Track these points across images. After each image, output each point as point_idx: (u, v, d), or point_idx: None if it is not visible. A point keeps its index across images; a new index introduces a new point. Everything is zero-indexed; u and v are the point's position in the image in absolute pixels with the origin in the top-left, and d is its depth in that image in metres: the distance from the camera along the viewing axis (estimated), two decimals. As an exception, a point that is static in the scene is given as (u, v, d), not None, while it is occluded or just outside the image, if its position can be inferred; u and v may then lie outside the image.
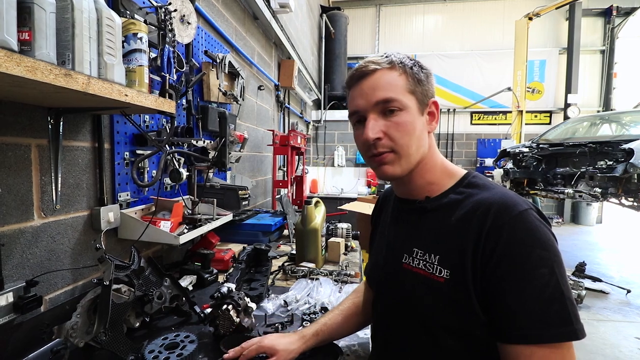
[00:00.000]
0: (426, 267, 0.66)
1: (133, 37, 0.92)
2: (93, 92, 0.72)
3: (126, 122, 1.24)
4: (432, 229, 0.68)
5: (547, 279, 0.54)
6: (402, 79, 0.67)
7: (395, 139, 0.67)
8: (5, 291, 0.81)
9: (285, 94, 4.01)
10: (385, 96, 0.66)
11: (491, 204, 0.61)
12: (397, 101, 0.66)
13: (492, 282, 0.57)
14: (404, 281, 0.71)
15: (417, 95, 0.68)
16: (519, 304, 0.55)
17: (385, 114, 0.67)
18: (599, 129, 4.56)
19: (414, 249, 0.70)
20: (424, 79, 0.70)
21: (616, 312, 3.24)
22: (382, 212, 0.89)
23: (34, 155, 0.93)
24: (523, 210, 0.59)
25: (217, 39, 2.07)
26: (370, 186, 6.50)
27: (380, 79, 0.68)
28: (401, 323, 0.72)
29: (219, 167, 1.59)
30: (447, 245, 0.64)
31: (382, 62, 0.68)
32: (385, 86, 0.67)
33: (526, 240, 0.57)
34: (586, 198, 3.78)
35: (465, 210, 0.64)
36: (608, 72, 7.38)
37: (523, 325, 0.54)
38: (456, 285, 0.61)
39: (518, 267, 0.56)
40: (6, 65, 0.55)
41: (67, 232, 1.04)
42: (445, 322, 0.63)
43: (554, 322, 0.53)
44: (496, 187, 0.66)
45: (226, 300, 0.94)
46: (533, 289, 0.55)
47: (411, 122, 0.67)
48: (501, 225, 0.58)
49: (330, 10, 6.77)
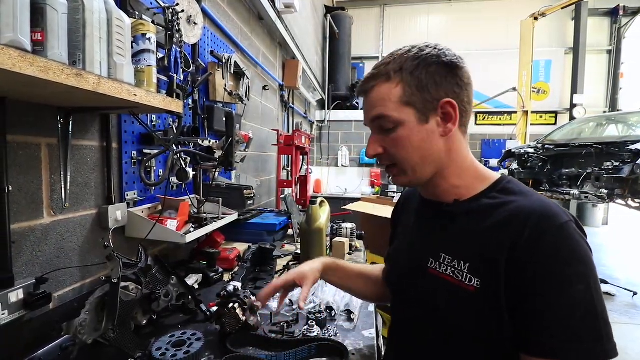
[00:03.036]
0: (455, 274, 0.63)
1: (142, 38, 0.93)
2: (103, 91, 0.73)
3: (134, 121, 1.25)
4: (462, 234, 0.65)
5: (582, 295, 0.53)
6: (397, 90, 0.64)
7: (392, 154, 0.67)
8: (16, 288, 0.82)
9: (290, 94, 4.02)
10: (377, 113, 0.66)
11: (530, 212, 0.58)
12: (388, 117, 0.65)
13: (526, 293, 0.55)
14: (428, 286, 0.68)
15: (416, 105, 0.64)
16: (552, 318, 0.53)
17: (382, 130, 0.67)
18: (605, 129, 4.52)
19: (441, 254, 0.66)
20: (433, 80, 0.63)
21: (622, 315, 3.21)
22: (403, 214, 0.87)
23: (43, 154, 0.94)
24: (564, 222, 0.56)
25: (223, 39, 2.08)
26: (374, 186, 6.48)
27: (376, 94, 0.66)
28: (422, 327, 0.70)
29: (225, 167, 1.60)
30: (479, 253, 0.61)
31: (381, 74, 0.66)
32: (379, 102, 0.66)
33: (565, 255, 0.54)
34: (592, 199, 3.76)
35: (501, 218, 0.60)
36: (614, 72, 7.31)
37: (554, 340, 0.53)
38: (487, 296, 0.58)
39: (554, 281, 0.54)
40: (20, 65, 0.56)
41: (76, 230, 1.05)
42: (469, 328, 0.61)
43: (586, 340, 0.52)
44: (534, 195, 0.63)
45: (232, 299, 0.95)
46: (568, 305, 0.53)
47: (407, 136, 0.65)
48: (540, 236, 0.55)
49: (335, 11, 6.77)
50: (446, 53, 0.65)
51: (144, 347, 0.85)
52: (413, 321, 0.73)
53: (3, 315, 0.78)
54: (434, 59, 0.64)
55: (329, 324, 1.03)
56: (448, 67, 0.64)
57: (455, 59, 0.65)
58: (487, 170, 0.71)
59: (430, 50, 0.65)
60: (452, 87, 0.65)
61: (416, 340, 0.72)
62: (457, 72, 0.65)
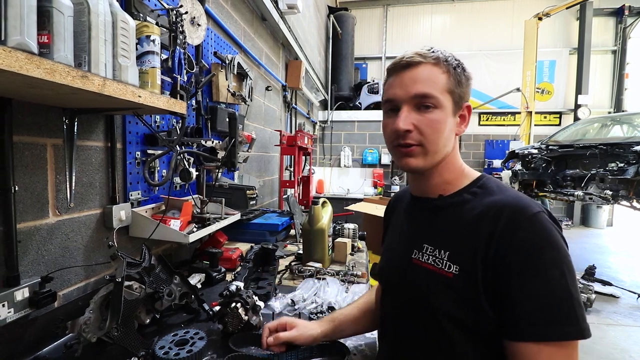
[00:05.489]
0: (435, 262, 0.67)
1: (146, 40, 0.94)
2: (108, 93, 0.74)
3: (138, 122, 1.26)
4: (444, 226, 0.70)
5: (557, 280, 0.56)
6: (444, 77, 0.68)
7: (426, 134, 0.68)
8: (21, 286, 0.83)
9: (293, 95, 4.03)
10: (424, 91, 0.67)
11: (504, 205, 0.62)
12: (434, 98, 0.67)
13: (503, 280, 0.58)
14: (413, 276, 0.72)
15: (455, 96, 0.69)
16: (529, 302, 0.56)
17: (420, 108, 0.68)
18: (610, 130, 4.48)
19: (424, 245, 0.71)
20: (464, 81, 0.70)
21: (627, 317, 3.19)
22: (394, 214, 0.91)
23: (49, 155, 0.95)
24: (536, 212, 0.60)
25: (226, 40, 2.10)
26: (377, 187, 6.48)
27: (423, 72, 0.68)
28: (411, 317, 0.73)
29: (228, 167, 1.61)
30: (458, 242, 0.65)
31: (428, 56, 0.68)
32: (426, 81, 0.67)
33: (538, 242, 0.58)
34: (596, 200, 3.73)
35: (479, 210, 0.65)
36: (619, 72, 7.26)
37: (532, 323, 0.56)
38: (465, 281, 0.62)
39: (529, 267, 0.57)
40: (27, 67, 0.57)
41: (81, 229, 1.07)
42: (454, 314, 0.63)
43: (562, 321, 0.55)
44: (509, 190, 0.68)
45: (235, 298, 0.95)
46: (543, 289, 0.56)
47: (444, 120, 0.68)
48: (514, 226, 0.59)
49: (338, 11, 6.78)
50: (463, 64, 0.72)
51: (147, 345, 0.86)
52: (403, 313, 0.75)
53: (9, 313, 0.79)
54: (463, 65, 0.71)
55: (331, 324, 1.04)
56: (469, 77, 0.72)
57: (469, 71, 0.72)
58: (470, 168, 0.76)
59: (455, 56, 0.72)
60: (469, 94, 0.73)
61: (408, 329, 0.74)
62: (471, 82, 0.73)
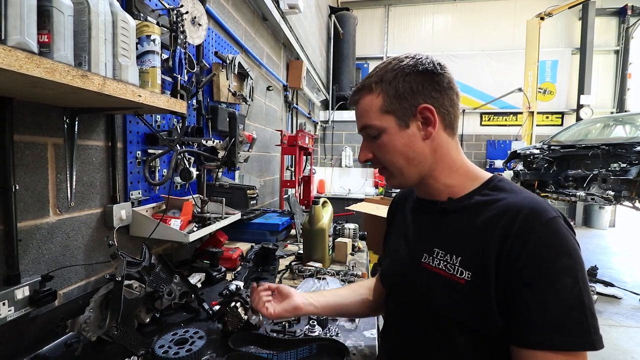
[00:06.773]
0: (447, 267, 0.65)
1: (146, 39, 0.94)
2: (108, 92, 0.74)
3: (138, 121, 1.26)
4: (455, 230, 0.68)
5: (570, 288, 0.54)
6: (378, 100, 0.69)
7: (382, 159, 0.73)
8: (22, 285, 0.83)
9: (294, 95, 4.03)
10: (363, 123, 0.73)
11: (520, 208, 0.60)
12: (372, 127, 0.71)
13: (515, 286, 0.57)
14: (420, 280, 0.70)
15: (396, 112, 0.69)
16: (540, 310, 0.55)
17: (370, 137, 0.74)
18: (612, 130, 4.47)
19: (434, 249, 0.69)
20: (410, 88, 0.67)
21: (629, 318, 3.17)
22: (398, 213, 0.89)
23: (50, 154, 0.95)
24: (552, 217, 0.58)
25: (227, 40, 2.10)
26: (378, 187, 6.47)
27: (362, 105, 0.73)
28: (415, 320, 0.72)
29: (228, 167, 1.61)
30: (471, 247, 0.63)
31: (365, 87, 0.72)
32: (364, 113, 0.72)
33: (553, 248, 0.56)
34: (598, 201, 3.71)
35: (492, 213, 0.63)
36: (622, 72, 7.23)
37: (542, 331, 0.54)
38: (477, 288, 0.60)
39: (543, 274, 0.55)
40: (27, 67, 0.57)
41: (81, 228, 1.07)
42: (460, 319, 0.63)
43: (573, 331, 0.53)
44: (524, 192, 0.65)
45: (234, 298, 0.96)
46: (556, 297, 0.54)
47: (390, 142, 0.70)
48: (529, 230, 0.57)
49: (339, 11, 6.77)
50: (423, 62, 0.68)
51: (147, 344, 0.86)
52: (407, 315, 0.75)
53: (9, 311, 0.79)
54: (410, 68, 0.68)
55: (331, 324, 1.04)
56: (424, 74, 0.68)
57: (432, 66, 0.68)
58: (479, 169, 0.74)
59: (408, 61, 0.69)
60: (429, 93, 0.68)
61: (409, 334, 0.74)
62: (435, 78, 0.68)
